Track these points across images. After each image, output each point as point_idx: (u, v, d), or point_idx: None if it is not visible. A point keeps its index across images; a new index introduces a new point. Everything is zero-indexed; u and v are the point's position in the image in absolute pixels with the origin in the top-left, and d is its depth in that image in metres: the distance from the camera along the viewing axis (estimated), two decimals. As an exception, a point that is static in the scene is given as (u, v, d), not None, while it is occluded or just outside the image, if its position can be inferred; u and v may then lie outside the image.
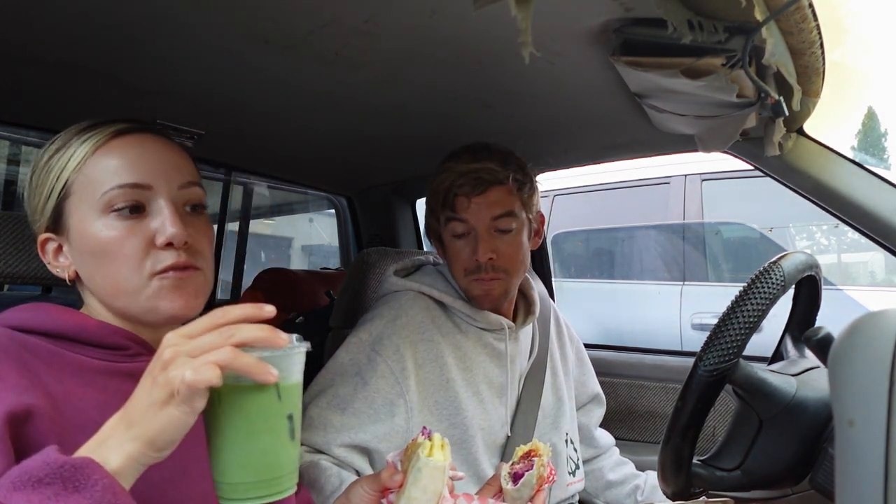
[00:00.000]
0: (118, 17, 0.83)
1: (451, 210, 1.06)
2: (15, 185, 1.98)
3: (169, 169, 0.68)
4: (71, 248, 0.68)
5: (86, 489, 0.44)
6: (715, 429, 1.54)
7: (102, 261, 0.66)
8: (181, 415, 0.47)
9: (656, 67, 0.82)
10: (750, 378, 0.78)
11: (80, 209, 0.66)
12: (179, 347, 0.48)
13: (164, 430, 0.47)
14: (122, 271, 0.65)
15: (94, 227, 0.66)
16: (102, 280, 0.67)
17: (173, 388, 0.46)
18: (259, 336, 0.49)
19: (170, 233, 0.65)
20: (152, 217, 0.67)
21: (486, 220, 1.05)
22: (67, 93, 1.11)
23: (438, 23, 0.83)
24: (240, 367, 0.47)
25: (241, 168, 1.80)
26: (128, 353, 0.67)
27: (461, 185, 1.05)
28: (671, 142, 1.28)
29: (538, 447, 0.84)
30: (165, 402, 0.47)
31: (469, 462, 1.06)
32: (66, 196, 0.67)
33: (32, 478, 0.44)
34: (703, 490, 0.83)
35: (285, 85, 1.07)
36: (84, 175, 0.66)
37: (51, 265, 0.70)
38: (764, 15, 0.66)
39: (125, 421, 0.49)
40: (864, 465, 0.46)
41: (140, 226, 0.66)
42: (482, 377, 1.10)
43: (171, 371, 0.47)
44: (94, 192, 0.66)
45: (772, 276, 0.79)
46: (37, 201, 0.69)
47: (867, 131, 15.50)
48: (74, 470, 0.45)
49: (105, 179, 0.66)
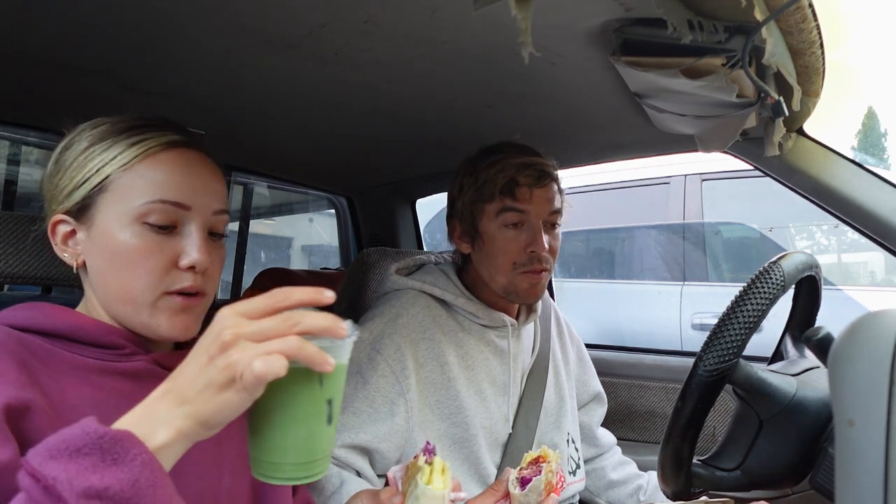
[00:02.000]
0: (118, 18, 0.83)
1: (512, 199, 1.05)
2: (15, 185, 1.98)
3: (208, 194, 0.69)
4: (89, 240, 0.68)
5: (124, 463, 0.43)
6: (715, 429, 1.54)
7: (121, 266, 0.66)
8: (240, 400, 0.46)
9: (656, 67, 0.82)
10: (750, 378, 0.78)
11: (113, 208, 0.66)
12: (240, 330, 0.46)
13: (219, 412, 0.46)
14: (139, 282, 0.65)
15: (124, 231, 0.65)
16: (114, 283, 0.67)
17: (235, 373, 0.45)
18: (324, 326, 0.47)
19: (195, 259, 0.66)
20: (182, 238, 0.67)
21: (544, 213, 1.06)
22: (67, 93, 1.11)
23: (438, 23, 0.83)
24: (304, 357, 0.46)
25: (241, 168, 1.80)
26: (123, 353, 0.67)
27: (526, 176, 1.05)
28: (671, 142, 1.28)
29: (547, 454, 0.84)
30: (225, 385, 0.46)
31: (471, 460, 1.06)
32: (102, 190, 0.66)
33: (70, 447, 0.43)
34: (703, 490, 0.83)
35: (285, 85, 1.07)
36: (127, 177, 0.66)
37: (57, 247, 0.69)
38: (764, 15, 0.66)
39: (176, 396, 0.47)
40: (864, 465, 0.46)
41: (168, 243, 0.66)
42: (484, 375, 1.10)
43: (232, 355, 0.45)
44: (134, 198, 0.66)
45: (772, 276, 0.79)
46: (65, 183, 0.68)
47: (867, 131, 15.49)
48: (114, 442, 0.44)
49: (148, 189, 0.66)
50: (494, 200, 1.06)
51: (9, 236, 0.83)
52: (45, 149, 1.96)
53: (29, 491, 0.42)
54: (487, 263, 1.09)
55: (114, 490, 0.42)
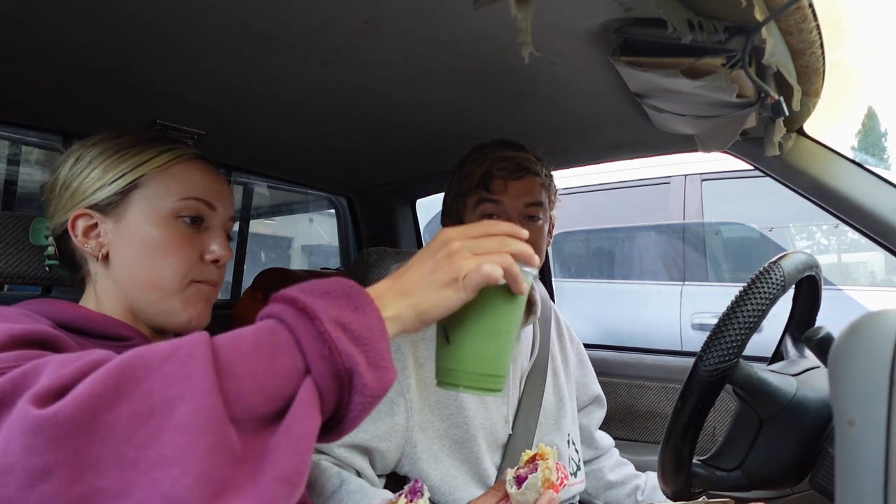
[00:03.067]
0: (118, 18, 0.83)
1: (487, 191, 1.07)
2: (15, 185, 1.98)
3: (227, 200, 0.81)
4: (118, 232, 0.74)
5: (363, 312, 0.49)
6: (715, 429, 1.54)
7: (154, 255, 0.73)
8: (456, 298, 0.53)
9: (656, 67, 0.82)
10: (750, 378, 0.78)
11: (148, 204, 0.74)
12: (466, 242, 0.55)
13: (436, 307, 0.53)
14: (170, 270, 0.73)
15: (159, 224, 0.74)
16: (143, 271, 0.73)
17: (458, 275, 0.53)
18: (526, 252, 0.57)
19: (220, 254, 0.77)
20: (208, 234, 0.78)
21: (519, 205, 1.07)
22: (67, 93, 1.11)
23: (438, 23, 0.83)
24: (512, 273, 0.55)
25: (241, 168, 1.80)
26: (129, 344, 0.69)
27: (500, 169, 1.07)
28: (671, 142, 1.28)
29: (544, 452, 0.84)
30: (446, 284, 0.53)
31: (471, 461, 1.06)
32: (137, 187, 0.74)
33: (322, 289, 0.49)
34: (702, 490, 0.83)
35: (285, 85, 1.07)
36: (163, 177, 0.75)
37: (78, 239, 0.74)
38: (764, 15, 0.66)
39: (399, 289, 0.54)
40: (864, 465, 0.46)
41: (197, 238, 0.76)
42: None
43: (458, 261, 0.53)
44: (171, 195, 0.75)
45: (772, 276, 0.79)
46: (91, 181, 0.74)
47: (867, 131, 15.50)
48: (358, 294, 0.50)
49: (183, 188, 0.76)
50: (472, 193, 1.09)
51: (9, 236, 0.83)
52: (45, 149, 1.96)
53: (280, 314, 0.47)
54: None
55: (354, 327, 0.47)
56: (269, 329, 0.46)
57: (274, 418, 0.44)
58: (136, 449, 0.38)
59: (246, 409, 0.42)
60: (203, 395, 0.40)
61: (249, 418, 0.43)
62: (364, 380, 0.46)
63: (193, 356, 0.42)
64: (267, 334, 0.46)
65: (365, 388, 0.46)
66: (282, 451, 0.42)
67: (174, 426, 0.39)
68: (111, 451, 0.38)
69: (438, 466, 1.04)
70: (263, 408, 0.43)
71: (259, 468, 0.42)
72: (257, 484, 0.41)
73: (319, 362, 0.45)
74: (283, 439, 0.43)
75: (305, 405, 0.44)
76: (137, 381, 0.40)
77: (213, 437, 0.40)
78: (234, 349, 0.44)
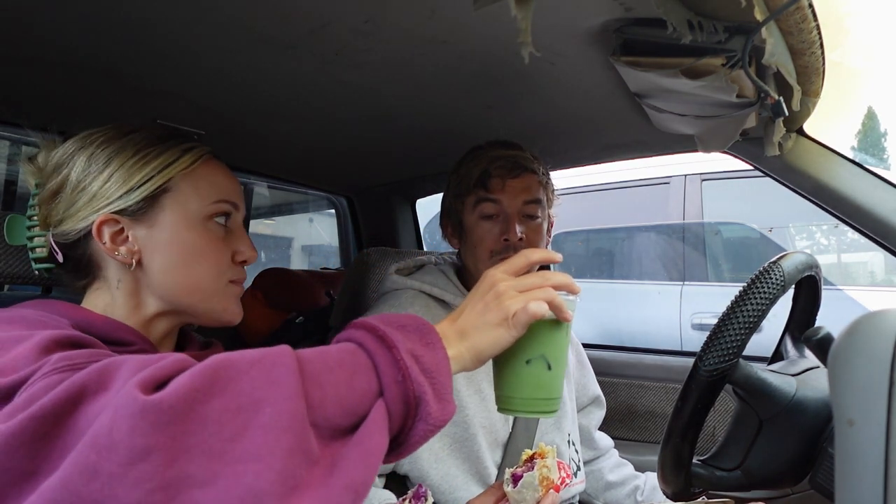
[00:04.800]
0: (118, 17, 0.83)
1: (485, 190, 1.08)
2: (15, 185, 1.97)
3: (242, 198, 0.81)
4: (151, 238, 0.72)
5: (433, 348, 0.54)
6: (715, 429, 1.54)
7: (193, 260, 0.73)
8: (508, 336, 0.58)
9: (656, 67, 0.82)
10: (750, 378, 0.78)
11: (181, 208, 0.73)
12: (511, 282, 0.59)
13: (491, 346, 0.58)
14: (211, 272, 0.74)
15: (196, 228, 0.73)
16: (183, 276, 0.73)
17: (507, 315, 0.57)
18: (566, 282, 0.62)
19: (250, 255, 0.78)
20: (234, 235, 0.78)
21: (518, 203, 1.08)
22: (68, 93, 1.11)
23: (438, 23, 0.83)
24: (556, 305, 0.59)
25: (241, 168, 1.80)
26: (132, 349, 0.69)
27: (498, 168, 1.08)
28: (671, 142, 1.28)
29: (544, 451, 0.83)
30: (498, 324, 0.57)
31: (472, 460, 1.07)
32: (167, 191, 0.72)
33: (397, 322, 0.54)
34: (702, 490, 0.83)
35: (286, 85, 1.07)
36: (191, 179, 0.74)
37: (107, 247, 0.71)
38: (764, 15, 0.66)
39: (457, 331, 0.58)
40: (864, 465, 0.46)
41: (228, 239, 0.77)
42: (484, 374, 1.11)
43: (505, 301, 0.58)
44: (203, 197, 0.74)
45: (772, 276, 0.79)
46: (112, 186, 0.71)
47: (867, 131, 15.50)
48: (430, 331, 0.55)
49: (213, 190, 0.75)
50: (471, 193, 1.10)
51: (9, 236, 0.82)
52: (45, 149, 1.95)
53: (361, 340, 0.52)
54: (471, 255, 1.12)
55: (424, 361, 0.52)
56: (351, 351, 0.52)
57: (348, 431, 0.49)
58: (224, 442, 0.42)
59: (325, 417, 0.47)
60: (288, 399, 0.44)
61: (327, 427, 0.47)
62: (429, 409, 0.51)
63: (280, 364, 0.46)
64: (349, 354, 0.51)
65: (429, 416, 0.51)
66: (353, 462, 0.46)
67: (259, 425, 0.43)
68: (202, 441, 0.41)
69: (439, 466, 1.04)
70: (340, 419, 0.48)
71: (331, 473, 0.45)
72: (328, 487, 0.44)
73: (393, 387, 0.50)
74: (355, 451, 0.47)
75: (376, 424, 0.49)
76: (229, 380, 0.44)
77: (295, 438, 0.43)
78: (319, 362, 0.48)
